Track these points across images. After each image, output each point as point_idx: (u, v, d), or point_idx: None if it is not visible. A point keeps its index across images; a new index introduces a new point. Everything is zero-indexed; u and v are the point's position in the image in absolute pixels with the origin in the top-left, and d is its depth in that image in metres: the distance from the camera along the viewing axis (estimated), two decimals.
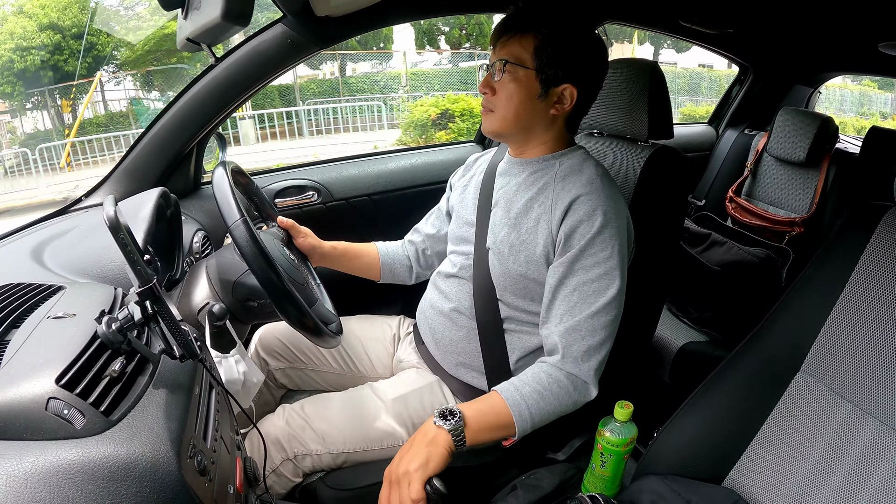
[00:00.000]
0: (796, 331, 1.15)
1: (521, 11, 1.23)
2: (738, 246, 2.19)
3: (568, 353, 1.17)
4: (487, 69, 1.26)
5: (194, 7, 1.16)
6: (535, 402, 1.13)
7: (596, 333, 1.17)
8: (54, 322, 0.85)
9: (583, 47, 1.23)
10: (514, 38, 1.21)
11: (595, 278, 1.17)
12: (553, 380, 1.16)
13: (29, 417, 0.66)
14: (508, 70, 1.21)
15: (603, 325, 1.17)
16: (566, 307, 1.18)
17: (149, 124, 1.70)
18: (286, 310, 1.09)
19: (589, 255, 1.17)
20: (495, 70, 1.23)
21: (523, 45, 1.20)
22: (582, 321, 1.16)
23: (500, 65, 1.21)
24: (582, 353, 1.16)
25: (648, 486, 1.12)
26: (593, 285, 1.17)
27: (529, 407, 1.13)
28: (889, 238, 1.09)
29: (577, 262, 1.18)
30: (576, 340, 1.17)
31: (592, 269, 1.17)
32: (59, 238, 1.38)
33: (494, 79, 1.24)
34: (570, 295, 1.18)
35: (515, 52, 1.21)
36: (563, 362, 1.17)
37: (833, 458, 1.03)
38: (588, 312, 1.16)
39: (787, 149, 2.57)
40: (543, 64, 1.19)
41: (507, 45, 1.22)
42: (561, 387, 1.16)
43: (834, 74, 3.13)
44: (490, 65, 1.25)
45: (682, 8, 2.14)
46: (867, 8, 1.68)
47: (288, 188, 2.13)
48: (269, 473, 1.27)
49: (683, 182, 1.42)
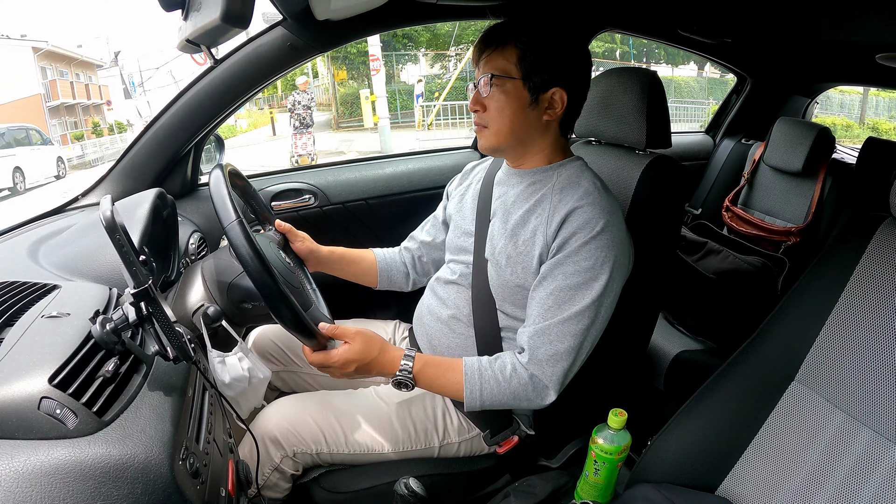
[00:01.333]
0: (791, 340, 1.15)
1: (498, 25, 1.23)
2: (735, 254, 2.19)
3: (533, 356, 1.17)
4: (475, 87, 1.26)
5: (194, 9, 1.16)
6: (490, 388, 1.18)
7: (564, 339, 1.17)
8: (48, 321, 0.85)
9: (564, 49, 1.23)
10: (496, 51, 1.21)
11: (573, 285, 1.17)
12: (516, 375, 1.18)
13: (21, 417, 0.66)
14: (496, 83, 1.21)
15: (573, 332, 1.17)
16: (540, 309, 1.19)
17: (147, 124, 1.70)
18: (280, 312, 1.08)
19: (572, 262, 1.17)
20: (482, 86, 1.23)
21: (506, 56, 1.20)
22: (552, 325, 1.17)
23: (487, 79, 1.21)
24: (547, 357, 1.17)
25: (642, 493, 1.12)
26: (570, 292, 1.17)
27: (482, 390, 1.19)
28: (885, 248, 1.09)
29: (559, 266, 1.18)
30: (542, 344, 1.17)
31: (572, 277, 1.17)
32: (55, 237, 1.38)
33: (483, 95, 1.24)
34: (546, 298, 1.19)
35: (500, 65, 1.21)
36: (528, 363, 1.18)
37: (827, 468, 1.03)
38: (560, 318, 1.17)
39: (783, 158, 2.58)
40: (529, 71, 1.19)
41: (491, 59, 1.22)
42: (521, 384, 1.18)
43: (831, 85, 3.15)
44: (476, 82, 1.25)
45: (681, 17, 2.15)
46: (865, 19, 1.69)
47: (285, 191, 2.13)
48: (271, 471, 1.27)
49: (681, 191, 1.43)
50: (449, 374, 1.20)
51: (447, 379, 1.19)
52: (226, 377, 1.13)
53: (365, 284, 1.62)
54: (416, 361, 1.19)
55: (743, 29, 2.22)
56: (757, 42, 2.48)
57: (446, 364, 1.21)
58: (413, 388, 1.20)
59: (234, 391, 1.15)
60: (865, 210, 1.18)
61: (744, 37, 2.36)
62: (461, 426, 1.37)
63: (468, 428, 1.37)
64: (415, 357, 1.19)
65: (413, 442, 1.33)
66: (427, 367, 1.20)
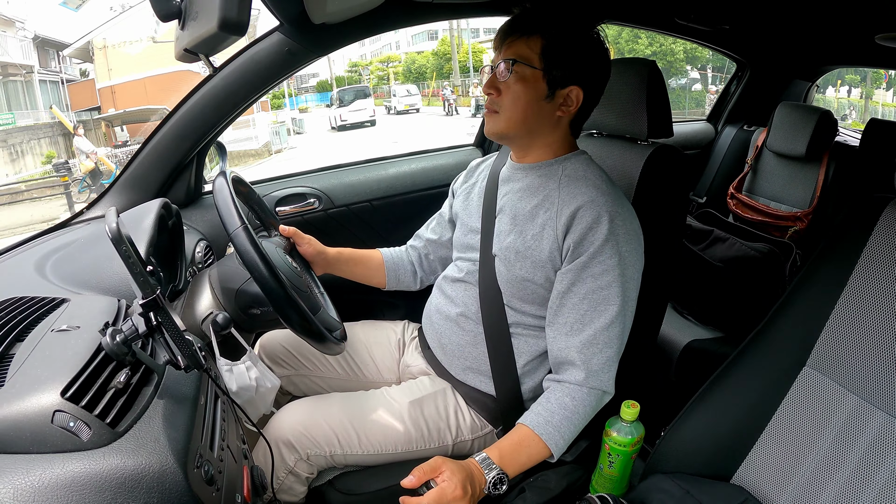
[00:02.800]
0: (801, 325, 1.15)
1: (528, 12, 1.23)
2: (741, 242, 2.18)
3: (590, 369, 1.17)
4: (492, 70, 1.25)
5: (191, 17, 1.16)
6: (566, 428, 1.17)
7: (612, 344, 1.18)
8: (58, 335, 0.85)
9: (588, 49, 1.23)
10: (520, 38, 1.21)
11: (605, 286, 1.17)
12: (579, 397, 1.18)
13: (35, 431, 0.66)
14: (516, 70, 1.20)
15: (617, 334, 1.18)
16: (576, 315, 1.19)
17: (149, 135, 1.70)
18: (289, 317, 1.09)
19: (598, 263, 1.17)
20: (501, 70, 1.22)
21: (530, 45, 1.20)
22: (598, 333, 1.17)
23: (508, 64, 1.20)
24: (601, 365, 1.17)
25: (657, 484, 1.12)
26: (603, 293, 1.17)
27: (563, 435, 1.17)
28: (891, 230, 1.09)
29: (586, 269, 1.17)
30: (594, 354, 1.17)
31: (602, 277, 1.17)
32: (62, 251, 1.39)
33: (500, 79, 1.23)
34: (579, 303, 1.19)
35: (523, 53, 1.20)
36: (586, 379, 1.17)
37: (841, 452, 1.03)
38: (602, 324, 1.17)
39: (786, 143, 2.57)
40: (550, 65, 1.19)
41: (514, 45, 1.21)
42: (586, 403, 1.18)
43: (831, 67, 3.13)
44: (494, 65, 1.25)
45: (679, 6, 2.14)
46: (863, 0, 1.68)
47: (289, 196, 2.13)
48: (286, 474, 1.27)
49: (684, 180, 1.42)
50: (525, 444, 1.17)
51: (528, 448, 1.16)
52: (233, 385, 1.14)
53: (373, 285, 1.62)
54: (492, 454, 1.14)
55: (741, 14, 2.21)
56: (755, 27, 2.47)
57: (516, 438, 1.18)
58: (508, 479, 1.14)
59: (242, 399, 1.15)
60: (870, 192, 1.18)
61: (742, 22, 2.35)
62: (474, 424, 1.37)
63: (481, 426, 1.37)
64: (486, 454, 1.14)
65: (426, 441, 1.33)
66: (502, 451, 1.16)
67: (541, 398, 1.22)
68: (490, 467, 1.12)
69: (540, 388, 1.27)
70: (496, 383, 1.33)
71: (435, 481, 1.07)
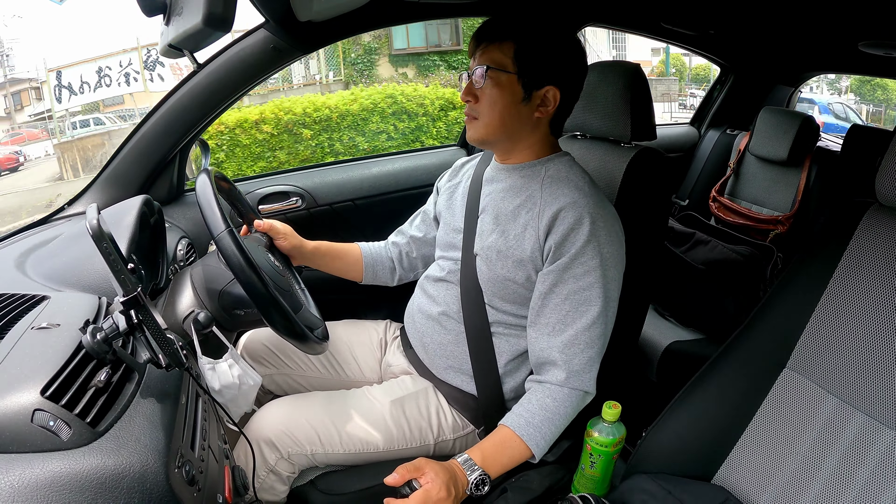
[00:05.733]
0: (782, 327, 1.16)
1: (498, 19, 1.24)
2: (723, 244, 2.20)
3: (570, 369, 1.18)
4: (468, 77, 1.26)
5: (176, 13, 1.16)
6: (548, 428, 1.18)
7: (593, 345, 1.19)
8: (38, 332, 0.84)
9: (562, 49, 1.24)
10: (493, 44, 1.22)
11: (586, 286, 1.18)
12: (560, 397, 1.19)
13: (14, 430, 0.65)
14: (490, 76, 1.21)
15: (599, 335, 1.19)
16: (558, 316, 1.20)
17: (131, 131, 1.68)
18: (273, 318, 1.08)
19: (579, 264, 1.18)
20: (477, 77, 1.23)
21: (503, 50, 1.21)
22: (579, 333, 1.18)
23: (482, 71, 1.21)
24: (583, 365, 1.19)
25: (639, 485, 1.13)
26: (584, 294, 1.18)
27: (544, 435, 1.18)
28: (871, 234, 1.10)
29: (567, 270, 1.18)
30: (576, 354, 1.18)
31: (583, 278, 1.18)
32: (42, 247, 1.37)
33: (476, 86, 1.24)
34: (561, 304, 1.19)
35: (496, 58, 1.21)
36: (567, 379, 1.18)
37: (821, 453, 1.04)
38: (583, 324, 1.18)
39: (768, 148, 2.60)
40: (524, 67, 1.20)
41: (487, 51, 1.22)
42: (567, 405, 1.19)
43: (814, 74, 3.18)
44: (471, 73, 1.26)
45: (664, 10, 2.15)
46: (846, 7, 1.70)
47: (271, 194, 2.12)
48: (267, 473, 1.26)
49: (667, 182, 1.44)
50: (506, 445, 1.17)
51: (510, 449, 1.17)
52: (216, 384, 1.13)
53: (350, 279, 1.61)
54: (474, 455, 1.15)
55: (726, 19, 2.23)
56: (740, 32, 2.49)
57: (497, 439, 1.19)
58: (490, 480, 1.15)
59: (225, 398, 1.14)
60: (851, 196, 1.19)
61: (727, 27, 2.37)
62: (456, 423, 1.37)
63: (463, 425, 1.37)
64: (468, 455, 1.15)
65: (408, 440, 1.33)
66: (484, 452, 1.16)
67: (522, 399, 1.22)
68: (472, 468, 1.12)
69: (521, 388, 1.28)
70: (478, 383, 1.34)
71: (418, 482, 1.07)
